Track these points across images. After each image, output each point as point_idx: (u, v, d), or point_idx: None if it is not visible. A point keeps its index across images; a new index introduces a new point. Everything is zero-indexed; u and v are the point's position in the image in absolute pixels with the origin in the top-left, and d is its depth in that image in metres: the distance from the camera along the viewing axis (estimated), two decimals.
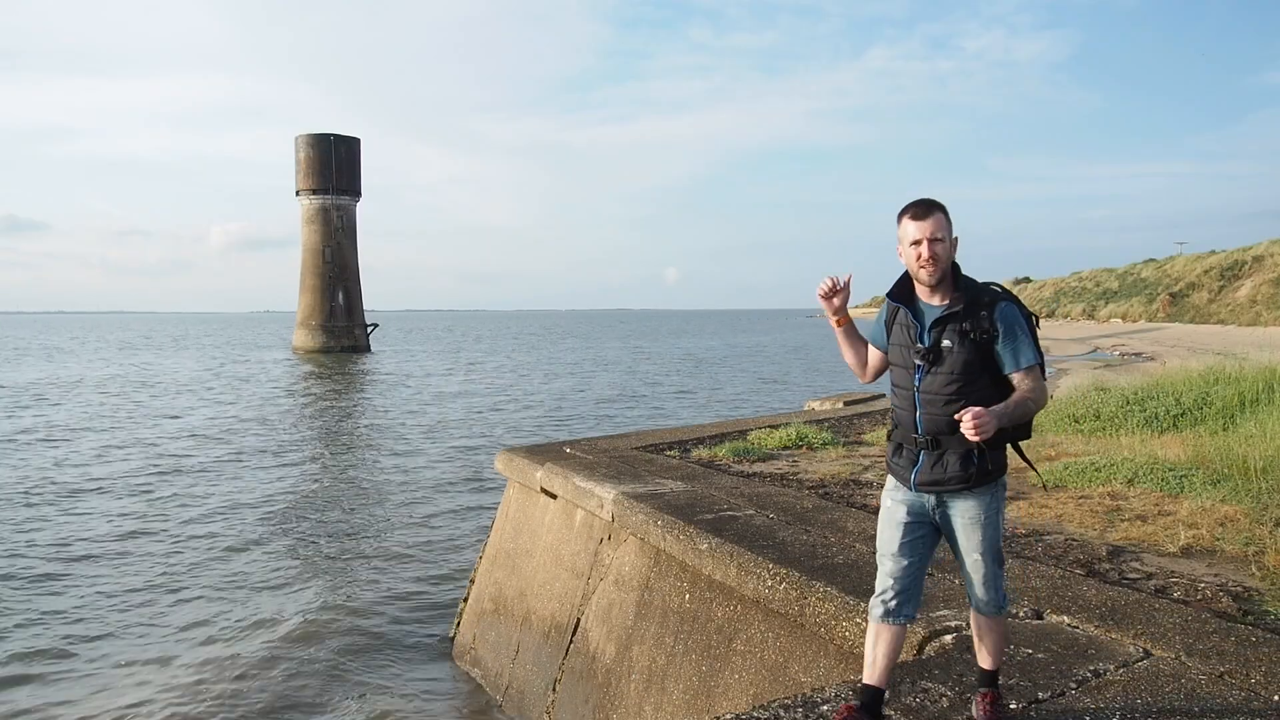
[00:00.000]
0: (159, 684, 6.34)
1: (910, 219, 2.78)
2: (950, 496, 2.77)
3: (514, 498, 6.62)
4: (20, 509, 11.82)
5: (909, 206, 2.81)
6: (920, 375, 2.75)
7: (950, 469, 2.77)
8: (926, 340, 2.75)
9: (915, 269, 2.76)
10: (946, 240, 2.77)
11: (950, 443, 2.74)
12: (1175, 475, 4.95)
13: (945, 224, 2.78)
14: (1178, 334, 44.90)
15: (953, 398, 2.74)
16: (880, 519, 2.79)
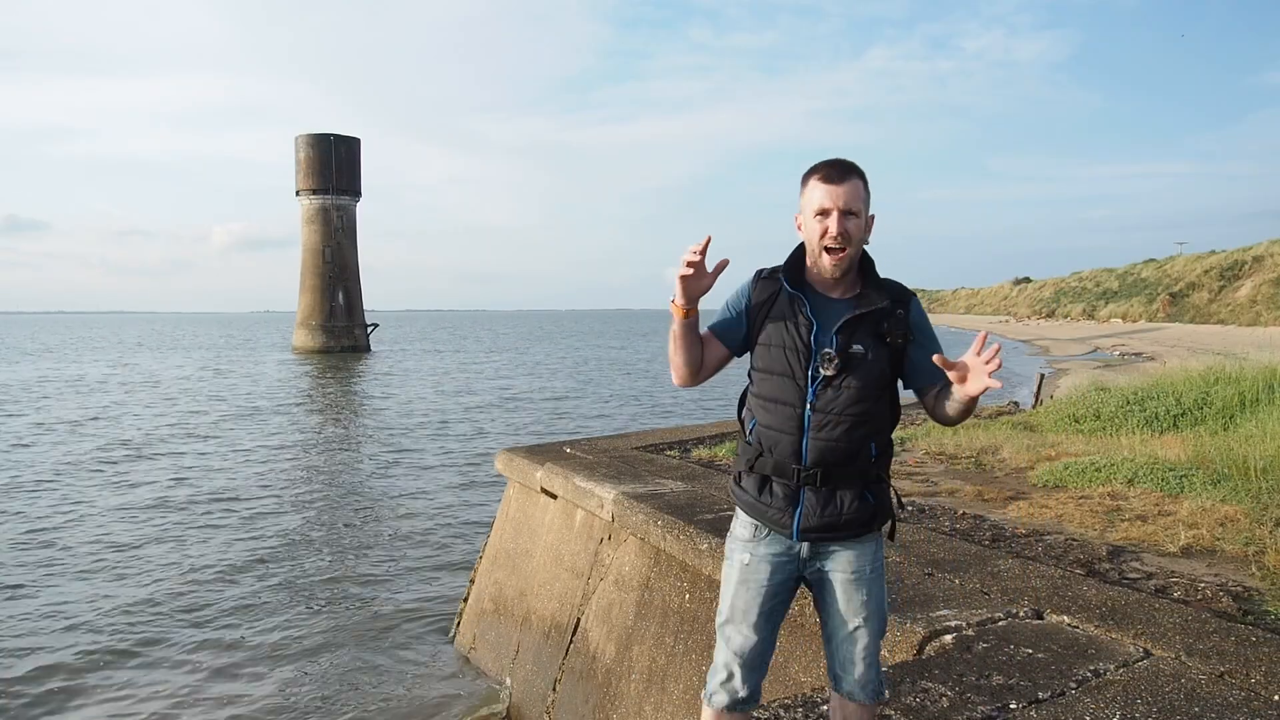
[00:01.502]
0: (151, 686, 6.34)
1: (820, 180, 2.17)
2: (835, 546, 2.24)
3: (514, 498, 6.63)
4: (14, 504, 11.81)
5: (819, 166, 2.20)
6: (816, 388, 2.19)
7: (846, 509, 2.23)
8: (834, 343, 2.18)
9: (817, 248, 2.18)
10: (863, 216, 2.19)
11: (844, 475, 2.21)
12: (1175, 475, 4.95)
13: (864, 195, 2.20)
14: (1178, 334, 44.92)
15: (857, 419, 2.21)
16: (729, 579, 2.27)
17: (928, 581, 3.37)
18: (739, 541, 2.29)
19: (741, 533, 2.29)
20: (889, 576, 3.42)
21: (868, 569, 2.26)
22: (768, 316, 2.24)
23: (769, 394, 2.23)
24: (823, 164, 2.21)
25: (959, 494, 5.08)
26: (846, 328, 2.19)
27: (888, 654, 2.90)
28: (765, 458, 2.24)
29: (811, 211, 2.17)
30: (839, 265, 2.18)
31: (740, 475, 2.30)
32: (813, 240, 2.18)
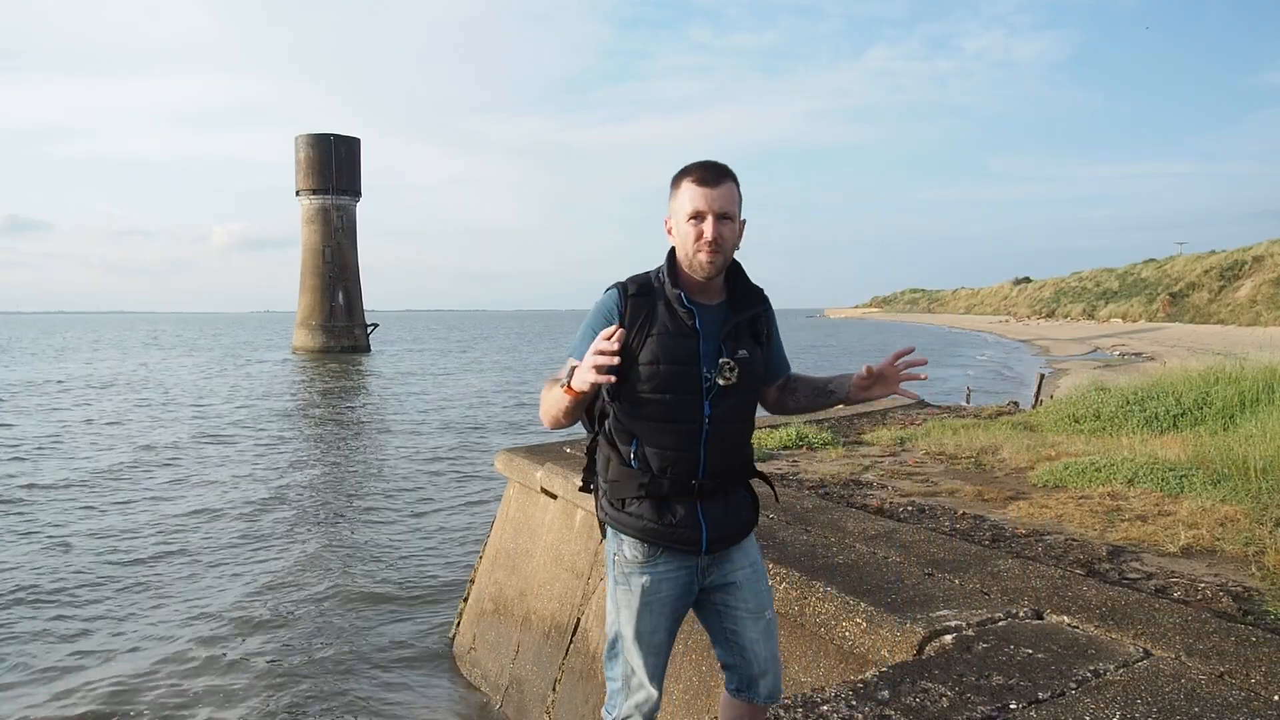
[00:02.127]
0: (151, 682, 6.34)
1: (694, 183, 2.11)
2: (731, 548, 2.31)
3: (514, 498, 6.63)
4: (17, 505, 11.81)
5: (692, 167, 2.13)
6: (713, 400, 2.15)
7: (741, 513, 2.34)
8: (724, 351, 2.15)
9: (690, 252, 2.12)
10: (736, 221, 2.15)
11: (736, 480, 2.32)
12: (1175, 475, 4.95)
13: (738, 199, 2.15)
14: (1178, 334, 44.93)
15: (747, 423, 2.29)
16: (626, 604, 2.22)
17: (928, 581, 3.37)
18: (633, 565, 2.23)
19: (634, 554, 2.22)
20: (889, 577, 3.42)
21: (758, 558, 2.40)
22: (649, 334, 2.12)
23: (661, 415, 2.14)
24: (696, 165, 2.14)
25: (959, 494, 5.08)
26: (732, 334, 2.18)
27: (887, 654, 2.90)
28: (660, 479, 2.17)
29: (684, 215, 2.12)
30: (714, 269, 2.12)
31: (624, 501, 2.21)
32: (686, 245, 2.12)
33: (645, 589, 2.23)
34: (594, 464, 2.34)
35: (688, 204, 2.12)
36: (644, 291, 2.16)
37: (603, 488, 2.28)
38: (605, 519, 2.28)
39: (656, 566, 2.22)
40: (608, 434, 2.25)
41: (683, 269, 2.17)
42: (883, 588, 3.28)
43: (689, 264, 2.15)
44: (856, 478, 5.63)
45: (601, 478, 2.28)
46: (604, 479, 2.27)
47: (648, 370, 2.12)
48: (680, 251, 2.16)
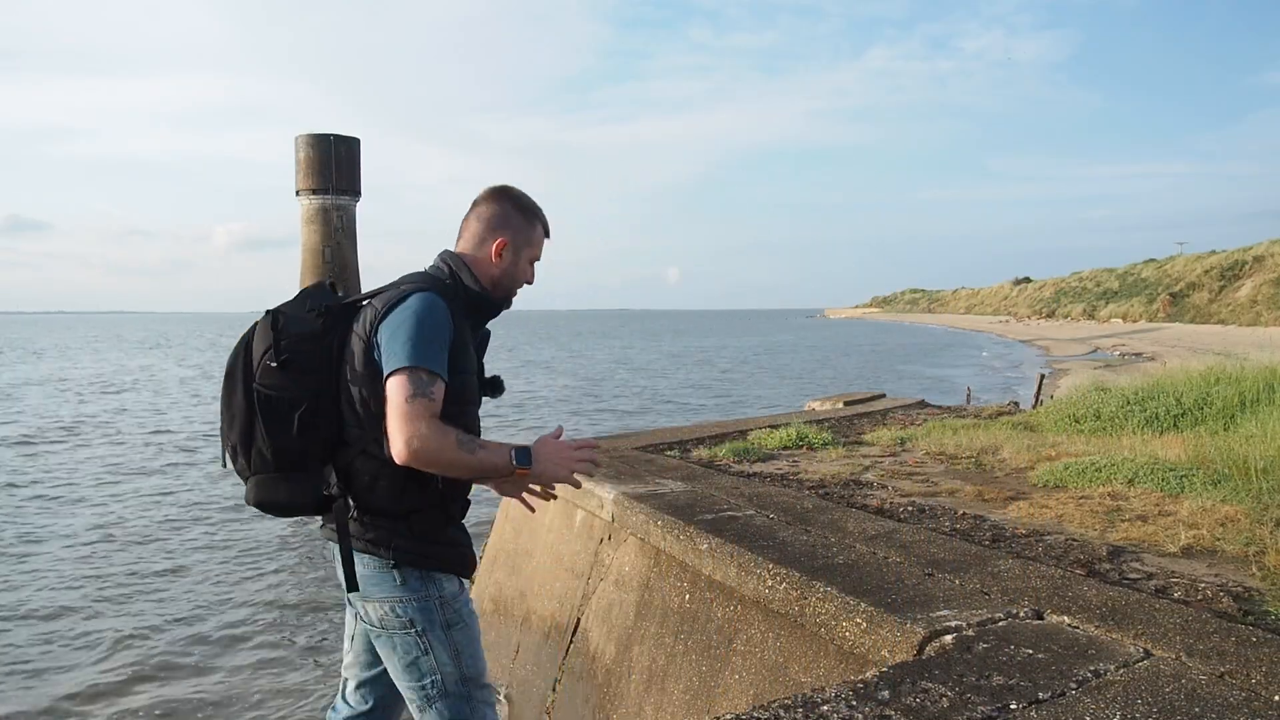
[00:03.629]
0: (149, 686, 6.34)
1: (544, 232, 2.34)
2: None
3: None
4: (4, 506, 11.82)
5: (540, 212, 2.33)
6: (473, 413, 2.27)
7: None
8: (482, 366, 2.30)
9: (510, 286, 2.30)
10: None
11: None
12: (1176, 475, 4.95)
13: None
14: (1178, 334, 44.96)
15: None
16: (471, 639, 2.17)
17: (928, 581, 3.37)
18: (458, 598, 2.18)
19: (453, 588, 2.17)
20: (889, 577, 3.43)
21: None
22: (459, 344, 2.13)
23: (464, 428, 2.09)
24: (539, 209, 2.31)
25: (959, 494, 5.08)
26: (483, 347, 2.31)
27: (887, 654, 2.90)
28: (457, 502, 2.17)
29: (531, 256, 2.29)
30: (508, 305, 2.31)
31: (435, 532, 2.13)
32: (518, 279, 2.29)
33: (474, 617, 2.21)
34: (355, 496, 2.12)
35: (537, 248, 2.30)
36: (453, 297, 2.16)
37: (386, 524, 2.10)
38: (407, 559, 2.10)
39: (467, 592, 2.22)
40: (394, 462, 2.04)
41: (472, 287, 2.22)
42: (883, 588, 3.28)
43: (496, 289, 2.27)
44: (856, 478, 5.63)
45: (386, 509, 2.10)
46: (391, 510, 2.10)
47: (459, 380, 2.11)
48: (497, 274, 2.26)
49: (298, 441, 2.03)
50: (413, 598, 2.11)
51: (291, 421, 2.01)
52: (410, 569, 2.11)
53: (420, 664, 2.13)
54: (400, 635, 2.13)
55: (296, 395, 2.02)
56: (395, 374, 2.00)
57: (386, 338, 2.03)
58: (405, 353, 1.99)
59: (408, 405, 1.95)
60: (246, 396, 2.04)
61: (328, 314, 2.10)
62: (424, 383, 1.99)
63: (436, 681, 2.12)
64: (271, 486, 2.06)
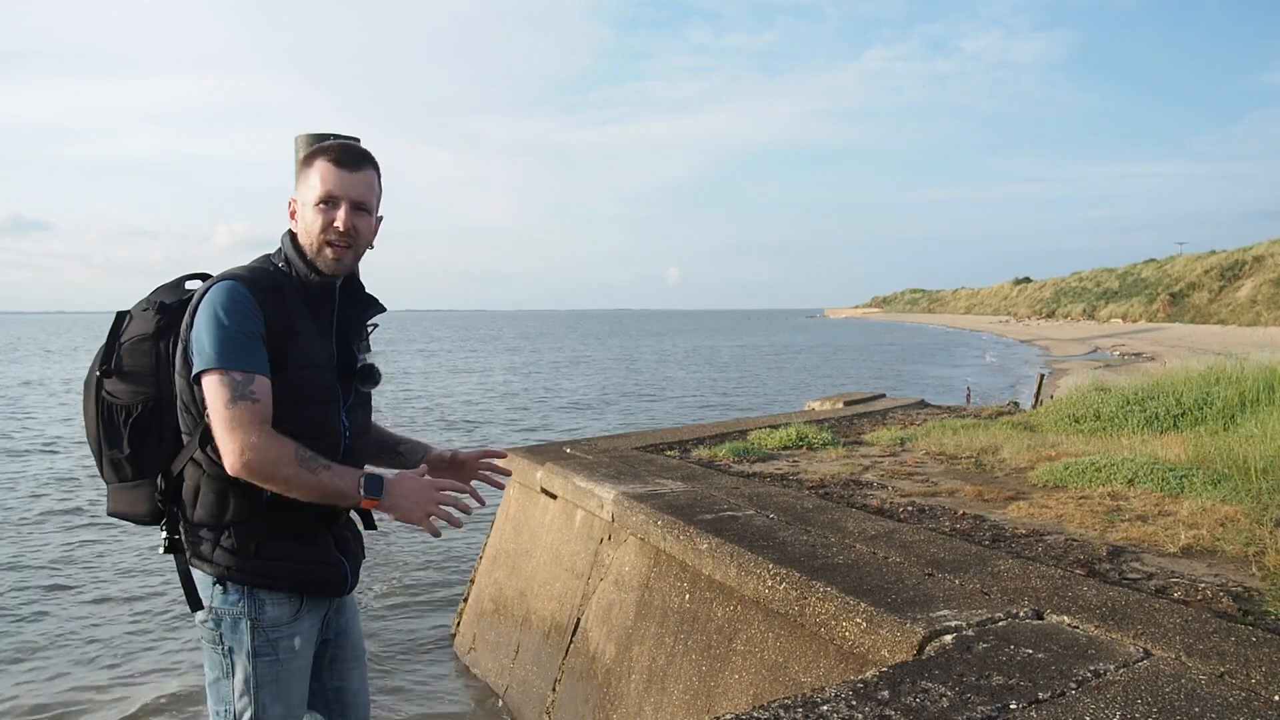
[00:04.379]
0: (145, 682, 6.35)
1: (330, 162, 1.88)
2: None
3: (514, 498, 6.63)
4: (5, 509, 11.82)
5: (329, 147, 1.91)
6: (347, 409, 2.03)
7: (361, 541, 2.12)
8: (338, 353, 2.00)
9: (317, 242, 1.92)
10: (374, 214, 1.98)
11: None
12: (1175, 475, 4.95)
13: (378, 190, 1.99)
14: (1178, 334, 44.96)
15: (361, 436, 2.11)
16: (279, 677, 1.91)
17: (928, 581, 3.37)
18: (281, 626, 1.91)
19: (279, 614, 1.92)
20: (889, 577, 3.42)
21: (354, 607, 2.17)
22: (285, 334, 1.88)
23: (300, 429, 1.86)
24: (334, 144, 1.93)
25: (959, 494, 5.08)
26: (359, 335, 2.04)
27: (887, 654, 2.90)
28: (300, 511, 1.89)
29: (314, 198, 1.90)
30: (341, 265, 1.94)
31: (258, 545, 1.89)
32: (312, 232, 1.91)
33: (294, 653, 1.94)
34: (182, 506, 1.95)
35: (320, 186, 1.89)
36: (275, 285, 1.90)
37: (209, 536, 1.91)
38: (226, 574, 1.90)
39: (302, 624, 1.96)
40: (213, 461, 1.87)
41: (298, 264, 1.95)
42: (883, 588, 3.28)
43: (316, 253, 1.93)
44: (856, 478, 5.63)
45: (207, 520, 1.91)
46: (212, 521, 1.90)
47: (287, 378, 1.89)
48: (304, 239, 1.94)
49: (125, 449, 1.92)
50: (226, 613, 1.93)
51: (122, 428, 1.90)
52: (230, 586, 1.93)
53: (219, 686, 1.97)
54: (209, 650, 1.97)
55: (128, 401, 1.91)
56: (205, 376, 1.82)
57: (193, 338, 1.85)
58: (211, 352, 1.80)
59: (228, 411, 1.78)
60: (94, 407, 1.92)
61: (164, 312, 1.93)
62: (239, 384, 1.79)
63: (230, 712, 1.95)
64: (119, 497, 1.96)
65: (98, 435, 1.95)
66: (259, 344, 1.83)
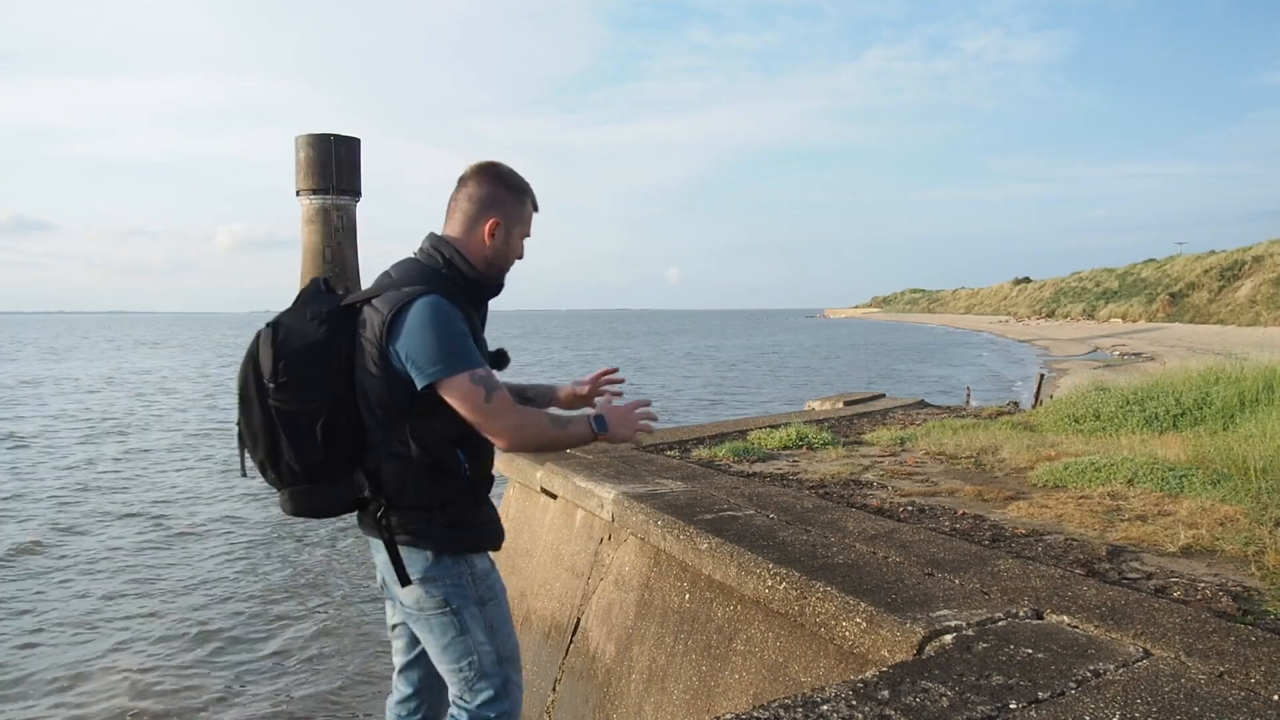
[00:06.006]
0: (153, 690, 6.34)
1: (533, 205, 2.27)
2: None
3: (514, 497, 6.63)
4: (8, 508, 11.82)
5: (529, 187, 2.25)
6: None
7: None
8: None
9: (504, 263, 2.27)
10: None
11: None
12: (1175, 475, 4.95)
13: None
14: (1178, 334, 44.98)
15: None
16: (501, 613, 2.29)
17: (928, 581, 3.37)
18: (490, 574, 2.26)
19: (484, 564, 2.25)
20: (889, 577, 3.43)
21: None
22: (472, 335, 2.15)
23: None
24: (528, 185, 2.26)
25: (959, 494, 5.08)
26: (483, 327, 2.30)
27: (887, 654, 2.90)
28: (481, 484, 2.23)
29: (524, 232, 2.26)
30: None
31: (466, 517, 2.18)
32: (509, 255, 2.26)
33: (504, 592, 2.31)
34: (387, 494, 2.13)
35: (527, 225, 2.26)
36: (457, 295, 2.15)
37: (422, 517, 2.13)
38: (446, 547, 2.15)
39: (493, 570, 2.30)
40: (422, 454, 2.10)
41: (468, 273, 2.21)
42: (883, 587, 3.28)
43: (489, 270, 2.24)
44: (856, 478, 5.63)
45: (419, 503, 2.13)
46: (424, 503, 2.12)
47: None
48: (489, 254, 2.23)
49: (324, 452, 2.05)
50: (446, 578, 2.16)
51: (314, 434, 2.03)
52: (442, 557, 2.16)
53: (457, 645, 2.21)
54: (437, 617, 2.19)
55: (314, 408, 2.04)
56: (449, 382, 2.02)
57: (413, 348, 2.01)
58: (448, 362, 2.02)
59: (488, 404, 2.03)
60: (265, 414, 2.03)
61: (330, 321, 2.06)
62: (484, 379, 2.05)
63: (474, 663, 2.22)
64: (306, 497, 2.10)
65: (272, 443, 2.05)
66: (471, 343, 2.09)
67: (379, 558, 2.23)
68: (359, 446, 2.11)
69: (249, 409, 2.06)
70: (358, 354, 2.08)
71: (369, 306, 2.10)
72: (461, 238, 2.23)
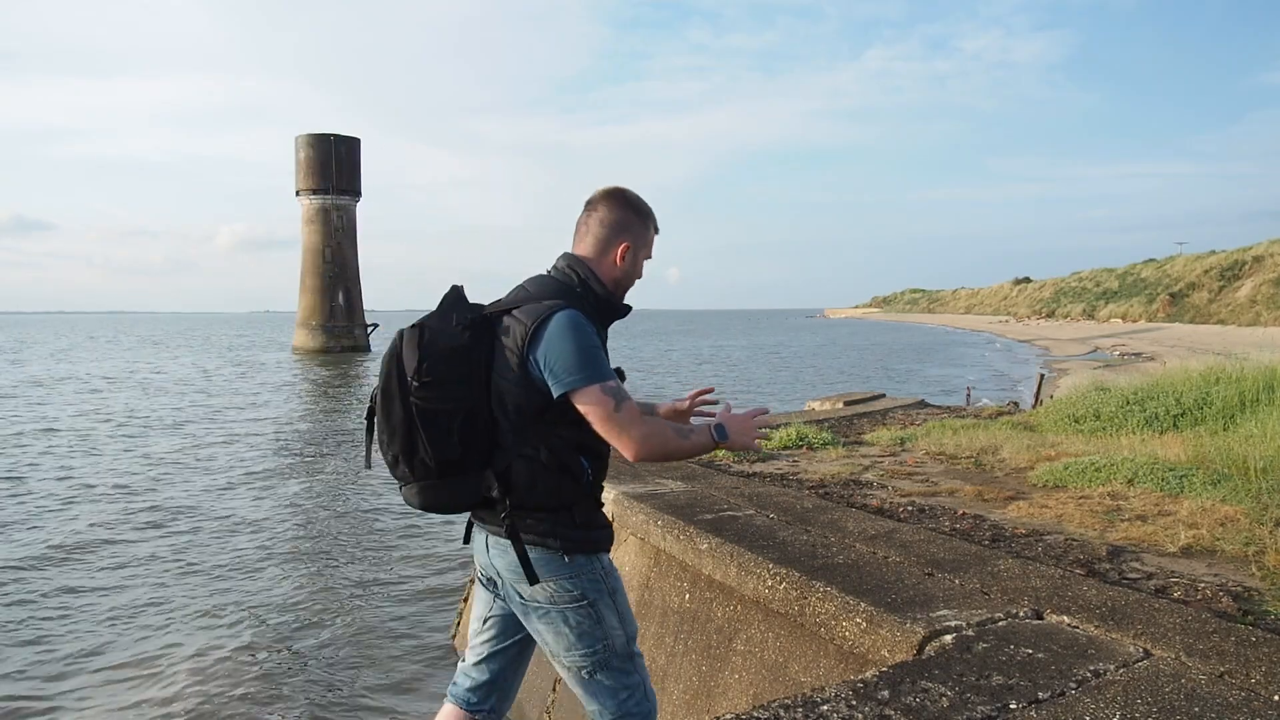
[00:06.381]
0: (146, 692, 6.34)
1: (655, 229, 2.44)
2: None
3: None
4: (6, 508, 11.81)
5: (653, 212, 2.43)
6: None
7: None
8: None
9: (629, 284, 2.42)
10: None
11: None
12: (1175, 475, 4.95)
13: None
14: (1178, 334, 44.97)
15: None
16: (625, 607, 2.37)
17: (928, 581, 3.37)
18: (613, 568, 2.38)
19: (608, 560, 2.37)
20: (889, 577, 3.43)
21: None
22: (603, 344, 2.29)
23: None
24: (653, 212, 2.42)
25: (959, 494, 5.08)
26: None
27: (887, 654, 2.90)
28: (600, 487, 2.36)
29: (648, 254, 2.42)
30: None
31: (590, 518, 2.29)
32: (634, 275, 2.40)
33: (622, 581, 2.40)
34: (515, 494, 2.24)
35: (650, 247, 2.41)
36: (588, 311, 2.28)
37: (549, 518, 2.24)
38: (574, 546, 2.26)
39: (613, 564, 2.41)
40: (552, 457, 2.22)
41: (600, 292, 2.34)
42: (883, 587, 3.28)
43: (617, 290, 2.39)
44: (856, 478, 5.63)
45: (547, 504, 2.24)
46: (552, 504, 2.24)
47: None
48: (619, 276, 2.38)
49: (458, 450, 2.18)
50: (582, 574, 2.27)
51: (452, 432, 2.16)
52: (577, 558, 2.27)
53: (593, 633, 2.31)
54: (572, 610, 2.28)
55: (453, 408, 2.16)
56: (583, 391, 2.15)
57: (552, 357, 2.15)
58: (585, 372, 2.14)
59: (618, 414, 2.15)
60: (405, 411, 2.16)
61: (474, 328, 2.22)
62: (615, 390, 2.17)
63: (608, 645, 2.32)
64: (436, 491, 2.22)
65: (409, 439, 2.17)
66: (605, 357, 2.22)
67: (494, 554, 2.34)
68: (489, 448, 2.23)
69: (389, 404, 2.19)
70: (496, 360, 2.21)
71: (510, 316, 2.23)
72: (594, 259, 2.37)
